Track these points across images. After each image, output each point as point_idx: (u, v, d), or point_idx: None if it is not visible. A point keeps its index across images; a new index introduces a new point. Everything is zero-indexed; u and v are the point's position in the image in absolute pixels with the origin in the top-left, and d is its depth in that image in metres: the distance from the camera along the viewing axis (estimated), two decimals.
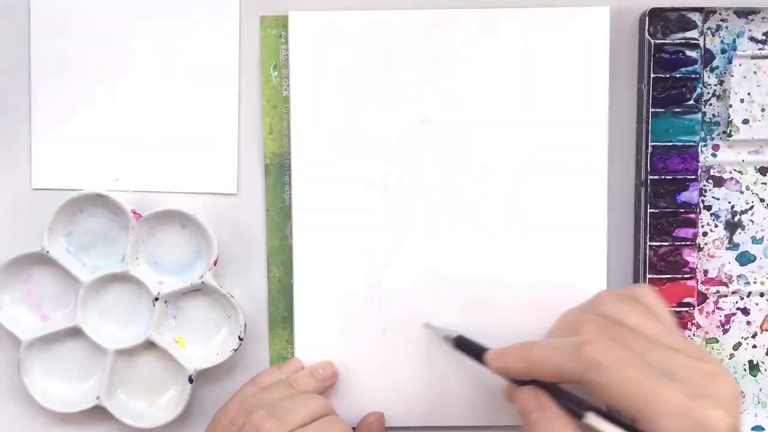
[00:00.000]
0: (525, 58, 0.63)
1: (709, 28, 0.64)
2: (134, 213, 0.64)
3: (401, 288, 0.65)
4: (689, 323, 0.65)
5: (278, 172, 0.65)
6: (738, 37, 0.64)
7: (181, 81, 0.65)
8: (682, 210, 0.64)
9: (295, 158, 0.64)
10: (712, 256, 0.65)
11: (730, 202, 0.65)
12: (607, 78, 0.64)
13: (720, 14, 0.64)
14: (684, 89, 0.63)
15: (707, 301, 0.65)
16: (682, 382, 0.49)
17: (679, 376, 0.49)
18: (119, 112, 0.65)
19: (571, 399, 0.54)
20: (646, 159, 0.64)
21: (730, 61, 0.63)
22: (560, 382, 0.53)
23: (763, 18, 0.63)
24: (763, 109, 0.63)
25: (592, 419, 0.52)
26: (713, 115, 0.64)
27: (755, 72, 0.63)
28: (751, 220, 0.65)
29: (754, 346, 0.66)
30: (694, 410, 0.47)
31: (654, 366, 0.50)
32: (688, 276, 0.64)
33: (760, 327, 0.66)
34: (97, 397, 0.65)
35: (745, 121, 0.63)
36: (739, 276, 0.65)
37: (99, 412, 0.66)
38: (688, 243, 0.64)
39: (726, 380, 0.50)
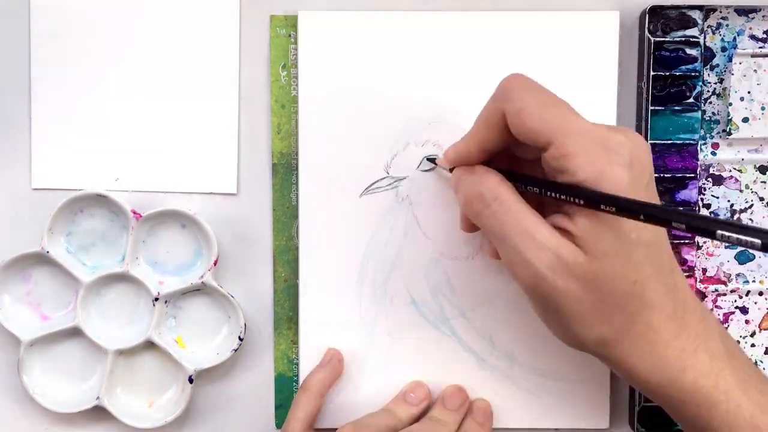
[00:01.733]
0: (534, 61, 0.63)
1: (709, 26, 0.64)
2: (134, 213, 0.64)
3: (407, 289, 0.65)
4: None
5: (285, 171, 0.65)
6: (738, 35, 0.64)
7: (181, 81, 0.65)
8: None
9: (303, 158, 0.64)
10: (711, 255, 0.65)
11: (729, 201, 0.65)
12: (616, 82, 0.64)
13: (720, 12, 0.64)
14: (684, 87, 0.63)
15: (706, 299, 0.65)
16: (590, 121, 0.51)
17: (587, 120, 0.52)
18: (119, 112, 0.65)
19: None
20: None
21: (730, 60, 0.63)
22: (496, 135, 0.54)
23: (763, 16, 0.63)
24: (763, 108, 0.63)
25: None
26: (713, 114, 0.64)
27: (755, 70, 0.63)
28: (751, 219, 0.65)
29: (753, 345, 0.66)
30: (599, 132, 0.50)
31: (567, 106, 0.52)
32: (687, 274, 0.65)
33: (759, 326, 0.66)
34: (97, 397, 0.65)
35: (745, 120, 0.63)
36: (737, 275, 0.65)
37: (99, 412, 0.66)
38: (686, 241, 0.64)
39: (630, 130, 0.53)
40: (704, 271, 0.65)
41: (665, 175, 0.64)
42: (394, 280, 0.65)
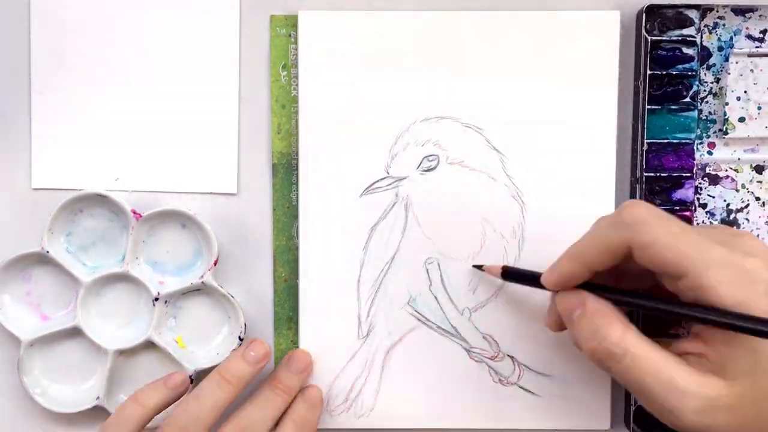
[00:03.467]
0: (535, 61, 0.64)
1: (706, 26, 0.64)
2: (134, 213, 0.64)
3: (407, 289, 0.65)
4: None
5: (285, 171, 0.66)
6: (735, 35, 0.64)
7: (181, 81, 0.65)
8: (678, 208, 0.64)
9: (303, 158, 0.64)
10: None
11: (725, 201, 0.65)
12: (617, 82, 0.64)
13: (717, 12, 0.64)
14: (680, 86, 0.63)
15: None
16: (718, 241, 0.51)
17: (714, 236, 0.51)
18: (119, 111, 0.65)
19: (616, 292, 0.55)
20: (642, 156, 0.64)
21: (726, 59, 0.64)
22: (613, 262, 0.53)
23: (760, 16, 0.64)
24: (759, 107, 0.63)
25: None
26: (709, 113, 0.64)
27: (752, 70, 0.63)
28: (747, 219, 0.65)
29: None
30: (737, 261, 0.50)
31: (691, 227, 0.52)
32: None
33: None
34: (97, 397, 0.65)
35: (741, 119, 0.64)
36: None
37: (99, 412, 0.66)
38: None
39: (752, 238, 0.52)
40: None
41: (661, 175, 0.64)
42: (394, 280, 0.65)
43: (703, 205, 0.65)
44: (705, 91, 0.64)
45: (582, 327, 0.54)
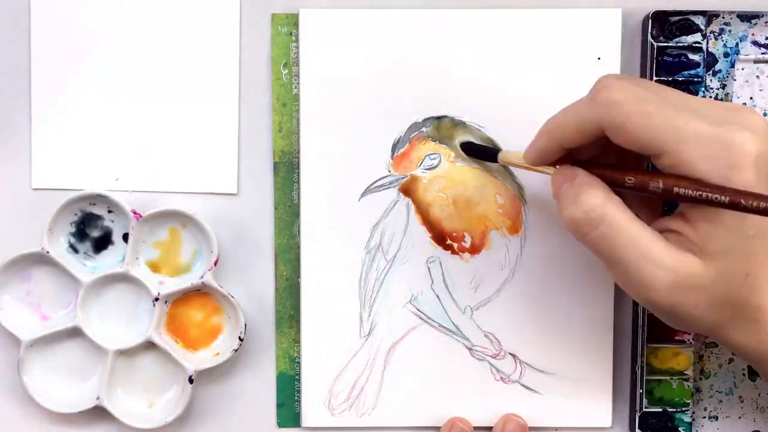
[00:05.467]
0: (535, 59, 0.63)
1: (712, 32, 0.64)
2: (134, 213, 0.64)
3: (409, 287, 0.65)
4: None
5: (287, 170, 0.65)
6: (741, 41, 0.63)
7: (181, 80, 0.65)
8: None
9: (304, 156, 0.64)
10: None
11: None
12: None
13: (723, 18, 0.63)
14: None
15: None
16: (704, 115, 0.49)
17: (702, 111, 0.50)
18: (119, 111, 0.65)
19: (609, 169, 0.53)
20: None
21: (732, 65, 0.63)
22: (584, 140, 0.53)
23: (766, 22, 0.63)
24: (765, 114, 0.63)
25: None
26: None
27: (758, 76, 0.63)
28: None
29: None
30: (718, 134, 0.48)
31: (674, 104, 0.50)
32: None
33: None
34: (97, 397, 0.65)
35: None
36: None
37: (99, 412, 0.65)
38: None
39: (752, 113, 0.50)
40: None
41: None
42: (395, 278, 0.65)
43: None
44: (711, 97, 0.64)
45: (566, 195, 0.53)
